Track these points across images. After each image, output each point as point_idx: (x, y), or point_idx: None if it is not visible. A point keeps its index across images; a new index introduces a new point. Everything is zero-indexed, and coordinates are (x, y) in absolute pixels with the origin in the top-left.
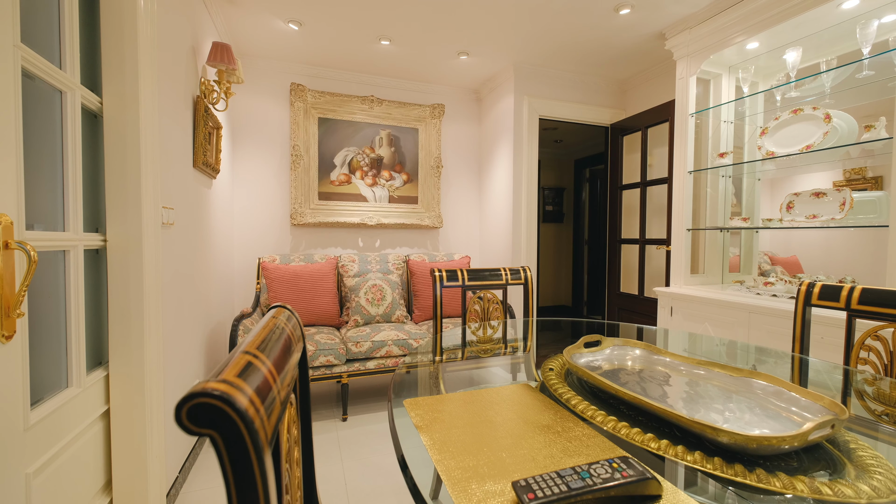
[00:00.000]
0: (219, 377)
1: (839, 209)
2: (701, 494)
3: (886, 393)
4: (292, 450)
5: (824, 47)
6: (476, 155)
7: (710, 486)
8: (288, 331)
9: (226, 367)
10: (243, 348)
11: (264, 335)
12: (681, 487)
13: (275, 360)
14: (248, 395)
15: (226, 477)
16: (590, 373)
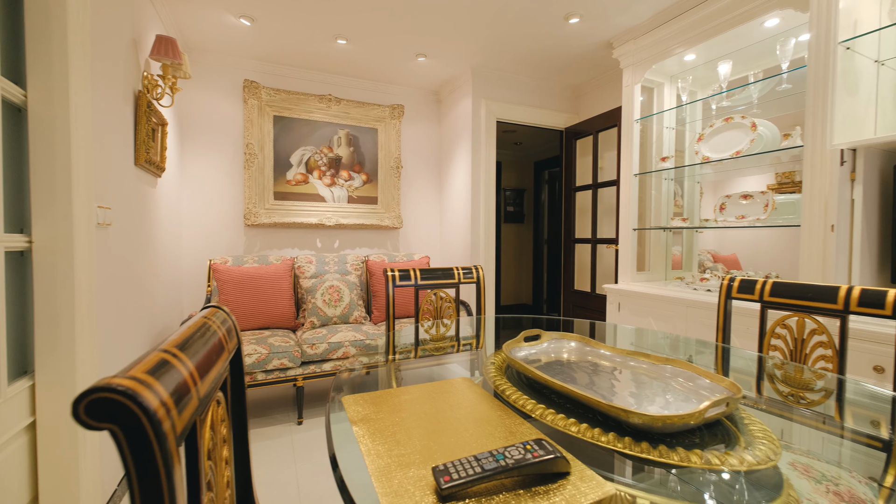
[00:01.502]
0: (127, 373)
1: (763, 210)
2: (608, 470)
3: (792, 376)
4: (218, 448)
5: (752, 61)
6: (436, 156)
7: (620, 464)
8: (221, 332)
9: (136, 364)
10: (161, 347)
11: (188, 334)
12: (596, 466)
13: (196, 358)
14: (157, 391)
15: (127, 472)
16: (522, 364)
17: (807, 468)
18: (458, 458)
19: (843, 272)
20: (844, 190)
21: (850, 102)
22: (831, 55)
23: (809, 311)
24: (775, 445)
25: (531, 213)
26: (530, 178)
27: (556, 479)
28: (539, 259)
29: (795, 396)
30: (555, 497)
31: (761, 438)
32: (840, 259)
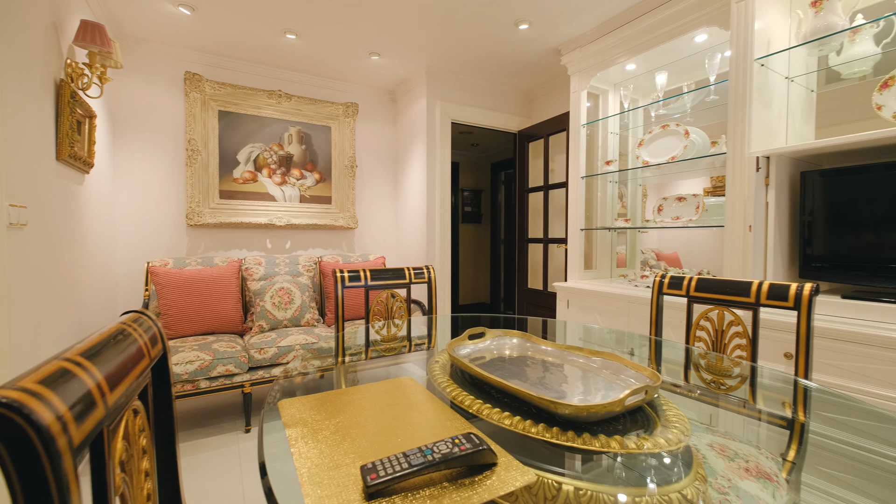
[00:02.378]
0: (16, 384)
1: (695, 212)
2: (539, 459)
3: (713, 364)
4: (135, 460)
5: (686, 73)
6: (392, 155)
7: (549, 452)
8: (142, 339)
9: (29, 374)
10: (63, 355)
11: (97, 341)
12: (528, 456)
13: (107, 366)
14: (52, 404)
15: (13, 497)
16: (462, 361)
17: (723, 448)
18: (388, 456)
19: (760, 268)
20: (760, 194)
21: (765, 114)
22: (748, 71)
23: (728, 304)
24: (686, 428)
25: (488, 214)
26: (487, 178)
27: (482, 471)
28: (496, 258)
29: (716, 383)
30: (478, 487)
31: (675, 422)
32: (757, 256)
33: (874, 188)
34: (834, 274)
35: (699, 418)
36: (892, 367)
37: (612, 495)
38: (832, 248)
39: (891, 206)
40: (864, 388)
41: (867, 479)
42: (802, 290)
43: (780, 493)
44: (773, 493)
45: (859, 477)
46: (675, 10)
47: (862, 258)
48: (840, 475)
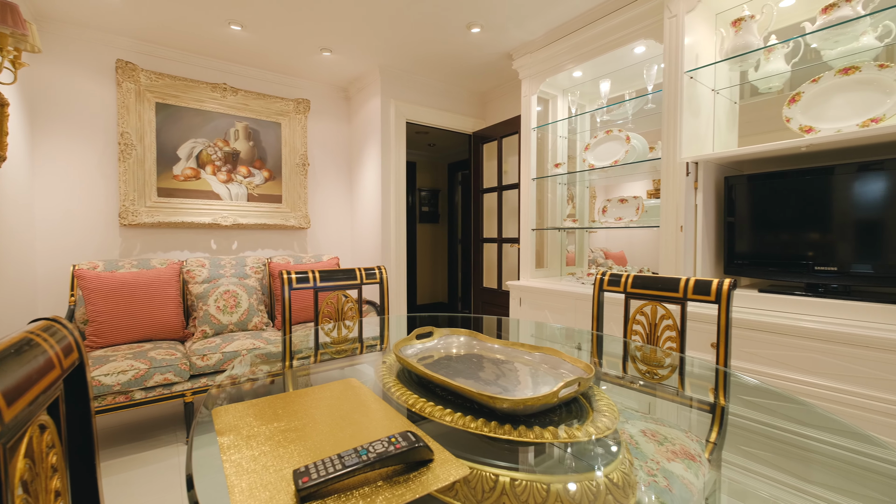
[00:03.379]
0: None
1: (635, 213)
2: (479, 454)
3: (648, 356)
4: (42, 479)
5: (628, 81)
6: (346, 154)
7: (488, 446)
8: (54, 350)
9: None
10: None
11: None
12: (469, 451)
13: (3, 379)
14: None
15: None
16: (406, 360)
17: (654, 433)
18: (322, 459)
19: (690, 265)
20: (690, 196)
21: (694, 123)
22: (679, 82)
23: (660, 299)
24: (615, 417)
25: (446, 214)
26: (444, 179)
27: (419, 468)
28: (454, 258)
29: (651, 373)
30: (412, 483)
31: (605, 411)
32: (688, 254)
33: (787, 193)
34: (753, 270)
35: (638, 407)
36: (802, 353)
37: (546, 484)
38: (752, 247)
39: (800, 208)
40: (778, 372)
41: (780, 454)
42: (722, 285)
43: (702, 472)
44: (696, 472)
45: (773, 453)
46: (616, 22)
47: (777, 255)
48: (757, 452)
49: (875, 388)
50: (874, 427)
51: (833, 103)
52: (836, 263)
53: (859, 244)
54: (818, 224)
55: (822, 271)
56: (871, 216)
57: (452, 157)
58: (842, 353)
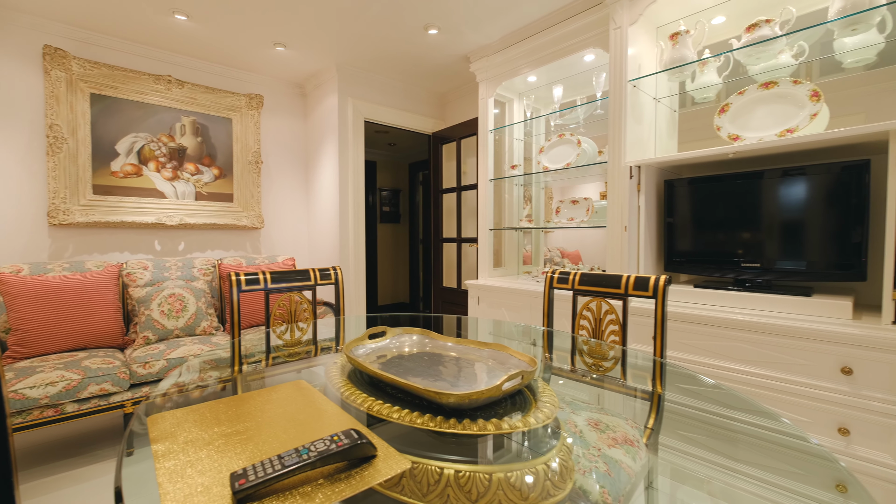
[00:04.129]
0: None
1: (586, 214)
2: (427, 448)
3: (594, 349)
4: None
5: (579, 87)
6: (302, 152)
7: (435, 441)
8: None
9: None
10: None
11: None
12: (417, 446)
13: None
14: None
15: None
16: (356, 360)
17: (597, 422)
18: (262, 460)
19: (634, 263)
20: (633, 198)
21: (637, 129)
22: (623, 90)
23: (604, 296)
24: (555, 407)
25: (407, 213)
26: (405, 178)
27: (362, 464)
28: (415, 258)
29: (596, 365)
30: (353, 479)
31: (546, 402)
32: (632, 253)
33: (719, 195)
34: (690, 267)
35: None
36: (730, 343)
37: (488, 474)
38: (689, 245)
39: (731, 210)
40: (711, 361)
41: (711, 436)
42: (658, 281)
43: (639, 456)
44: (635, 457)
45: (705, 435)
46: (567, 30)
47: (711, 253)
48: (691, 435)
49: (792, 372)
50: (790, 407)
51: (756, 114)
52: (760, 260)
53: (780, 242)
54: (746, 224)
55: (748, 267)
56: (792, 217)
57: (413, 157)
58: (764, 341)
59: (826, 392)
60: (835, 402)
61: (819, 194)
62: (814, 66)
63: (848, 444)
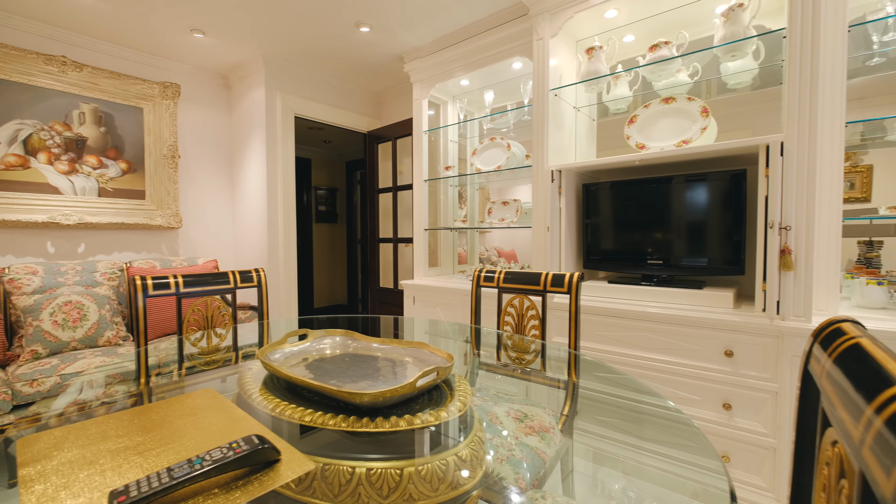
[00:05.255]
0: None
1: (515, 214)
2: (338, 450)
3: (517, 343)
4: None
5: (510, 93)
6: (227, 147)
7: (350, 441)
8: None
9: None
10: None
11: None
12: (332, 448)
13: None
14: None
15: None
16: (270, 364)
17: (517, 412)
18: (147, 475)
19: (556, 261)
20: (555, 200)
21: (559, 135)
22: (546, 98)
23: (526, 292)
24: (468, 399)
25: (344, 213)
26: (342, 177)
27: (264, 469)
28: (353, 259)
29: (519, 359)
30: (250, 486)
31: (461, 396)
32: (554, 251)
33: (631, 198)
34: (606, 264)
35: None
36: (638, 333)
37: (399, 469)
38: (605, 244)
39: (640, 212)
40: (623, 350)
41: (623, 418)
42: (573, 278)
43: (554, 441)
44: (549, 442)
45: (617, 418)
46: (496, 38)
47: (624, 251)
48: (604, 418)
49: (687, 356)
50: (686, 388)
51: (659, 126)
52: (664, 257)
53: (680, 241)
54: (652, 225)
55: (654, 264)
56: (690, 219)
57: (350, 156)
58: (665, 330)
59: (713, 373)
60: (720, 381)
61: (711, 199)
62: (712, 84)
63: (730, 417)
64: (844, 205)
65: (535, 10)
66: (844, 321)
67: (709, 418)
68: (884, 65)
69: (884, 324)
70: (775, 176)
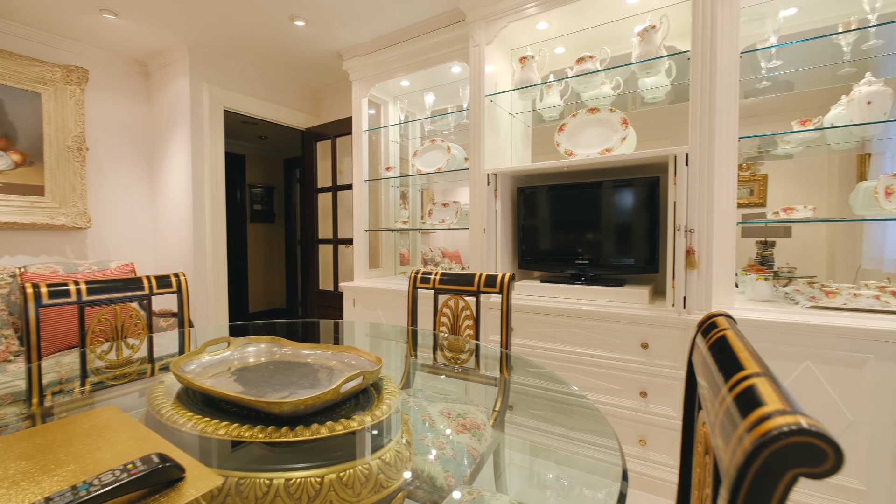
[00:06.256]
0: None
1: (455, 216)
2: (258, 462)
3: (453, 344)
4: None
5: (450, 96)
6: (146, 140)
7: (270, 453)
8: None
9: None
10: None
11: None
12: (247, 461)
13: None
14: None
15: None
16: (183, 376)
17: (450, 411)
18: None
19: (493, 262)
20: (491, 203)
21: (495, 140)
22: (482, 104)
23: (461, 293)
24: (395, 402)
25: (282, 212)
26: (280, 175)
27: (165, 489)
28: (293, 260)
29: (455, 359)
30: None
31: (388, 399)
32: (490, 252)
33: (560, 202)
34: (539, 264)
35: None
36: (568, 329)
37: (320, 477)
38: (538, 245)
39: (571, 215)
40: (553, 346)
41: (553, 410)
42: (504, 278)
43: (485, 437)
44: (480, 438)
45: (549, 410)
46: (435, 41)
47: (555, 252)
48: (536, 412)
49: (609, 349)
50: (609, 378)
51: (585, 134)
52: (590, 258)
53: (604, 242)
54: (580, 227)
55: (581, 264)
56: (613, 221)
57: (288, 153)
58: (590, 326)
59: (631, 364)
60: (637, 371)
61: (631, 204)
62: (637, 97)
63: (647, 403)
64: (745, 210)
65: (471, 17)
66: (719, 315)
67: (629, 406)
68: (770, 88)
69: (768, 314)
70: (681, 184)
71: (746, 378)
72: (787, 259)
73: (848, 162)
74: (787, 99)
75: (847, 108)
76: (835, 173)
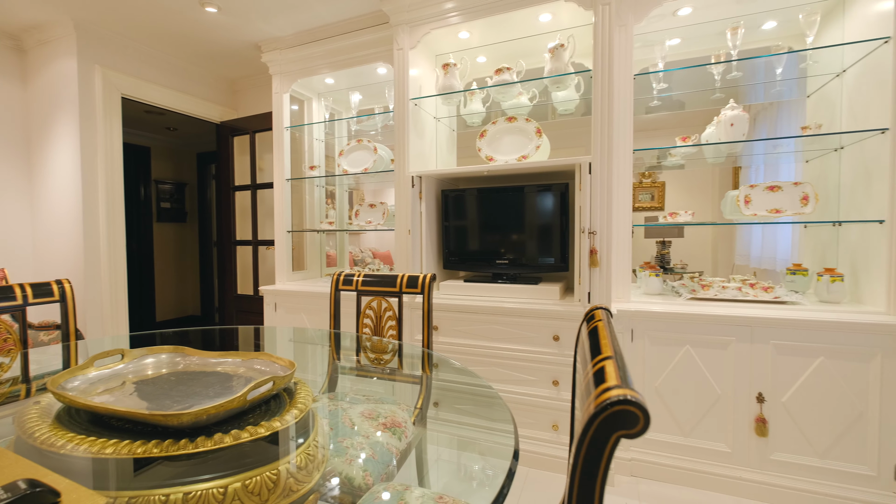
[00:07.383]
0: None
1: (382, 217)
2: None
3: (376, 345)
4: None
5: (378, 97)
6: (21, 127)
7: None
8: None
9: None
10: None
11: None
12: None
13: None
14: None
15: None
16: (61, 393)
17: (371, 412)
18: None
19: (418, 263)
20: (416, 205)
21: (420, 143)
22: (406, 107)
23: (383, 294)
24: (307, 406)
25: (196, 211)
26: (192, 170)
27: None
28: (208, 263)
29: (378, 359)
30: None
31: (300, 403)
32: (415, 253)
33: (482, 204)
34: (463, 265)
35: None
36: (488, 326)
37: (223, 487)
38: (462, 247)
39: (491, 217)
40: (475, 342)
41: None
42: (425, 279)
43: (405, 435)
44: (400, 436)
45: (471, 404)
46: (360, 41)
47: (477, 252)
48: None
49: (526, 343)
50: (526, 370)
51: (504, 141)
52: (509, 258)
53: (522, 244)
54: (501, 229)
55: (501, 264)
56: (531, 224)
57: (202, 146)
58: (509, 322)
59: (545, 355)
60: (550, 362)
61: (545, 207)
62: (554, 108)
63: (559, 392)
64: (647, 213)
65: (394, 21)
66: (599, 309)
67: (543, 395)
68: (662, 106)
69: (656, 306)
70: (585, 190)
71: (604, 360)
72: (682, 257)
73: (726, 173)
74: (677, 117)
75: (716, 129)
76: (716, 182)
